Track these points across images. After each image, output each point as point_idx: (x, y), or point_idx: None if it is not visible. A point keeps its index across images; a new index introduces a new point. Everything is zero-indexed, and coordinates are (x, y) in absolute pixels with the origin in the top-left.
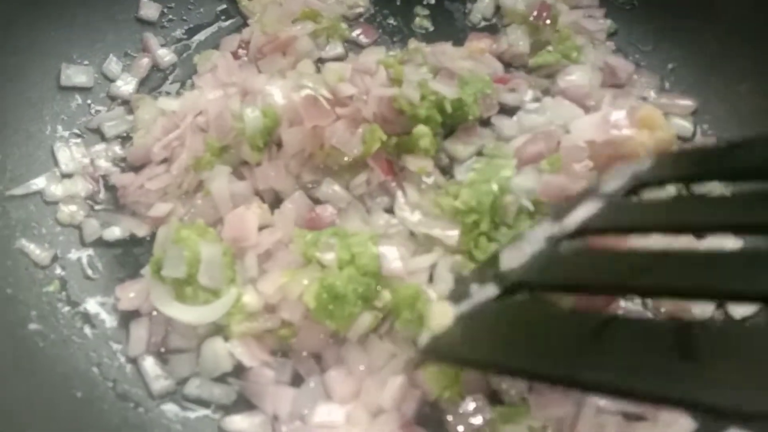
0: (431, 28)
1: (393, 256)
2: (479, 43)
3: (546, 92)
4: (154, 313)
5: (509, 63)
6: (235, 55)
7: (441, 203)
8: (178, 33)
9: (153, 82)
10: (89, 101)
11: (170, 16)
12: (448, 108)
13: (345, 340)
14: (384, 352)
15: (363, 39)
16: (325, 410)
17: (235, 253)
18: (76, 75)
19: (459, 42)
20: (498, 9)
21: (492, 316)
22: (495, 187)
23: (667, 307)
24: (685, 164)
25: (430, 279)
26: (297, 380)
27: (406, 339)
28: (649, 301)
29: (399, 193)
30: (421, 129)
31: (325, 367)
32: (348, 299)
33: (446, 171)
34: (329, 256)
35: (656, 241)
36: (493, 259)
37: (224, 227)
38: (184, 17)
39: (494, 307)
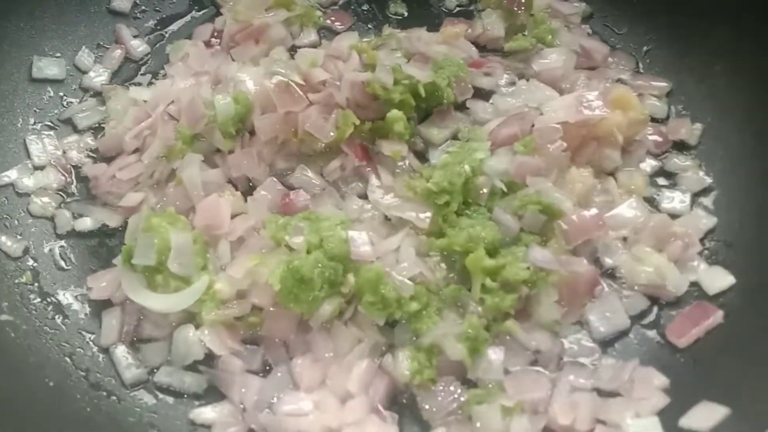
0: (406, 14)
1: (362, 241)
2: (454, 27)
3: (521, 76)
4: (127, 302)
5: (484, 47)
6: (208, 44)
7: (414, 186)
8: (151, 24)
9: (126, 73)
10: (61, 93)
11: (143, 7)
12: (422, 92)
13: (311, 326)
14: (349, 338)
15: (337, 26)
16: (292, 399)
17: (208, 240)
18: (48, 67)
19: (434, 27)
20: None
21: None
22: (467, 168)
23: (641, 284)
24: None
25: None
26: (268, 369)
27: (370, 323)
28: (625, 279)
29: (372, 177)
30: (395, 113)
31: (293, 355)
32: (314, 283)
33: (421, 155)
34: (298, 240)
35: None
36: None
37: (196, 215)
38: (157, 8)
39: None
